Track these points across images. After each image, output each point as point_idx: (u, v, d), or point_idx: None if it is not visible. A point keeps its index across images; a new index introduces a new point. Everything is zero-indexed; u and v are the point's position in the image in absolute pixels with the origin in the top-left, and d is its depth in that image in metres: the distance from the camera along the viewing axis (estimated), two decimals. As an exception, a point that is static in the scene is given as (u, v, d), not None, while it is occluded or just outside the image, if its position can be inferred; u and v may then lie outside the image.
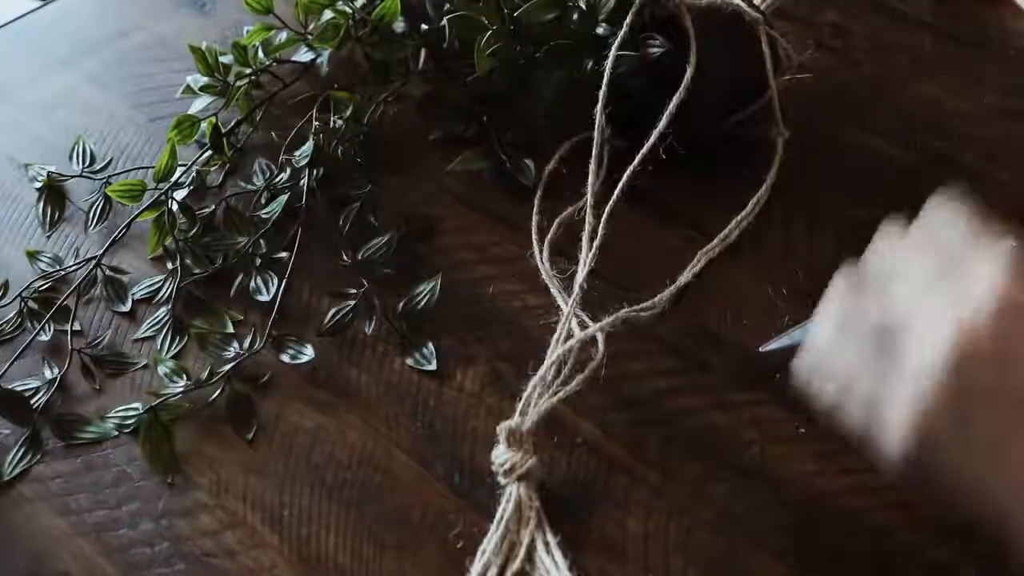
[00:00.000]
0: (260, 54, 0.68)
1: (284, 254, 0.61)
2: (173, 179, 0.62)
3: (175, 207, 0.61)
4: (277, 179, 0.64)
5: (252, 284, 0.60)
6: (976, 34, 0.74)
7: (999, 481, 0.37)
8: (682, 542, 0.49)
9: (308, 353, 0.57)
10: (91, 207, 0.65)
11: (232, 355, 0.57)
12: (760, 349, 0.54)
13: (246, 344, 0.57)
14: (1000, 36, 0.74)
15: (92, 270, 0.61)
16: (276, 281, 0.59)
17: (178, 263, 0.61)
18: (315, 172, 0.63)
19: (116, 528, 0.51)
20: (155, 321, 0.59)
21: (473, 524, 0.50)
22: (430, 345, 0.56)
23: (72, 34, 0.79)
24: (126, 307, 0.60)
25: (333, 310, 0.58)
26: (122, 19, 0.80)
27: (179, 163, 0.63)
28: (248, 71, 0.67)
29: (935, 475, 0.38)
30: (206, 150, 0.65)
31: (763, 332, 0.56)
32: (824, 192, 0.63)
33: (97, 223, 0.64)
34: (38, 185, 0.67)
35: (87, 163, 0.68)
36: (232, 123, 0.67)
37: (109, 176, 0.67)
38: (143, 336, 0.59)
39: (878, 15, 0.76)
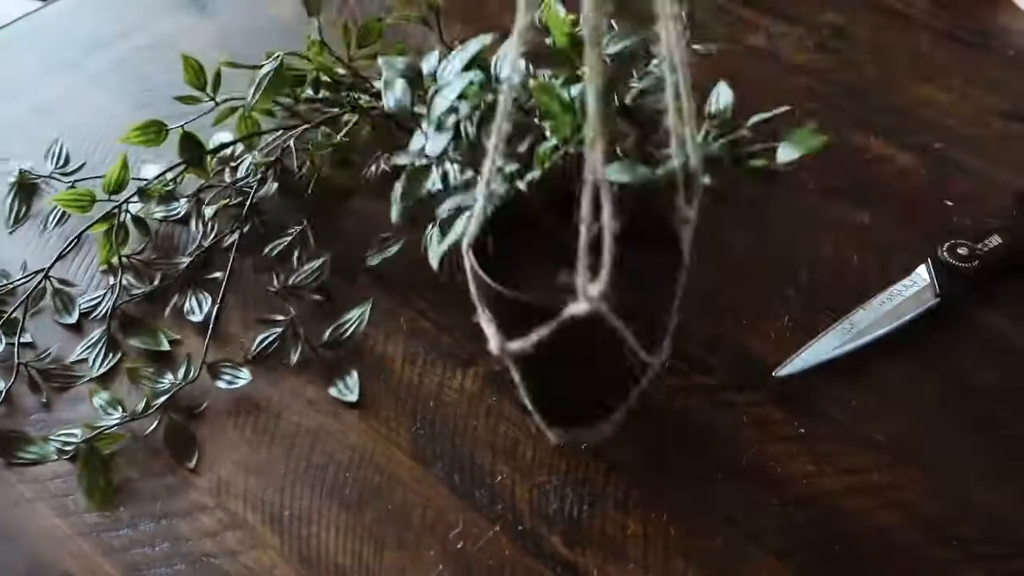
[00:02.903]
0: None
1: (219, 274, 0.60)
2: (124, 192, 0.61)
3: (128, 220, 0.61)
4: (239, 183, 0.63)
5: (186, 305, 0.59)
6: (976, 35, 0.74)
7: None
8: (682, 542, 0.49)
9: (244, 377, 0.56)
10: (52, 210, 0.65)
11: (167, 386, 0.56)
12: (774, 374, 0.54)
13: (180, 374, 0.56)
14: (1000, 36, 0.74)
15: (41, 282, 0.60)
16: (209, 302, 0.59)
17: (119, 279, 0.60)
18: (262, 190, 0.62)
19: (116, 528, 0.51)
20: (90, 341, 0.58)
21: (473, 524, 0.50)
22: (354, 375, 0.55)
23: (73, 35, 0.79)
24: (72, 319, 0.60)
25: (260, 336, 0.57)
26: (123, 20, 0.80)
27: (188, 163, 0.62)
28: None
29: None
30: (179, 165, 0.63)
31: (763, 332, 0.56)
32: (824, 192, 0.63)
33: (55, 226, 0.64)
34: (11, 180, 0.67)
35: (60, 163, 0.68)
36: (230, 142, 0.65)
37: (76, 180, 0.66)
38: (78, 358, 0.58)
39: (878, 16, 0.76)
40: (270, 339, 0.57)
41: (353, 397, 0.55)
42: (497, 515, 0.50)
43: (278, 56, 0.62)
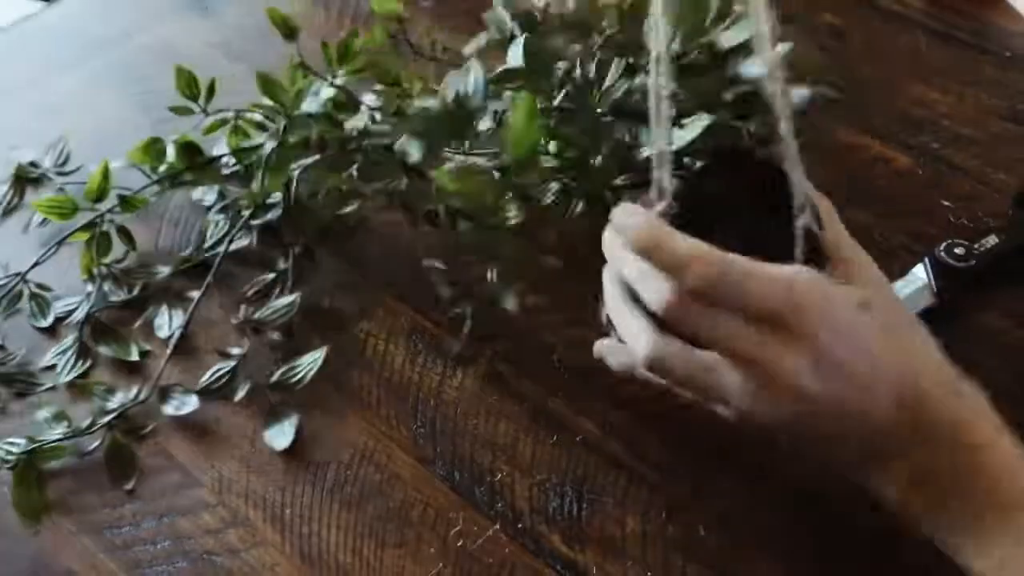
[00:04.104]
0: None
1: (196, 293, 0.59)
2: (106, 201, 0.61)
3: (112, 229, 0.61)
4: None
5: (157, 319, 0.59)
6: (973, 36, 0.74)
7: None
8: (681, 541, 0.49)
9: (191, 404, 0.55)
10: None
11: (115, 405, 0.55)
12: None
13: (131, 394, 0.56)
14: (997, 38, 0.74)
15: (17, 284, 0.60)
16: (181, 319, 0.59)
17: (96, 287, 0.60)
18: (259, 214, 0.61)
19: (119, 526, 0.51)
20: (62, 347, 0.58)
21: (473, 522, 0.50)
22: (293, 420, 0.54)
23: (75, 36, 0.80)
24: (46, 323, 0.60)
25: (214, 368, 0.57)
26: (124, 21, 0.81)
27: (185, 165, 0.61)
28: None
29: None
30: (178, 174, 0.63)
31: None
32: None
33: (39, 227, 0.64)
34: (11, 171, 0.68)
35: (60, 162, 0.68)
36: (222, 155, 0.65)
37: (67, 182, 0.66)
38: (48, 364, 0.58)
39: (875, 17, 0.76)
40: (222, 372, 0.56)
41: (283, 444, 0.53)
42: (497, 513, 0.50)
43: (278, 132, 0.60)
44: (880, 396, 0.40)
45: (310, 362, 0.56)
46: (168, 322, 0.59)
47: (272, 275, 0.60)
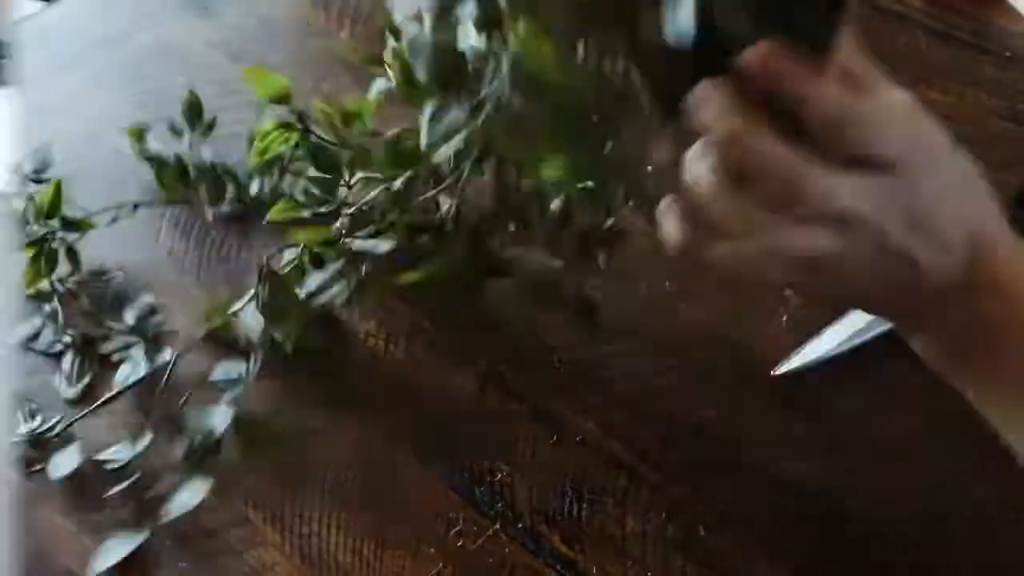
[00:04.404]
0: None
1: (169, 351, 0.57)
2: (58, 217, 0.59)
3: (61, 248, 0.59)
4: None
5: (128, 361, 0.57)
6: (973, 36, 0.74)
7: None
8: (681, 540, 0.49)
9: (72, 464, 0.52)
10: None
11: (24, 432, 0.54)
12: (773, 372, 0.54)
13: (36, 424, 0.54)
14: (997, 38, 0.74)
15: None
16: (144, 368, 0.56)
17: (56, 303, 0.59)
18: None
19: (119, 526, 0.51)
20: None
21: (473, 522, 0.50)
22: (133, 542, 0.50)
23: (75, 36, 0.80)
24: None
25: (116, 447, 0.54)
26: (124, 21, 0.81)
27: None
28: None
29: None
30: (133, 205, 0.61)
31: (763, 332, 0.56)
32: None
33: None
34: None
35: (40, 168, 0.67)
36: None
37: (34, 192, 0.63)
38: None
39: (875, 17, 0.76)
40: (117, 456, 0.53)
41: (106, 563, 0.49)
42: (497, 513, 0.50)
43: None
44: (958, 253, 0.39)
45: (183, 501, 0.50)
46: (134, 366, 0.56)
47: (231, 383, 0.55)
